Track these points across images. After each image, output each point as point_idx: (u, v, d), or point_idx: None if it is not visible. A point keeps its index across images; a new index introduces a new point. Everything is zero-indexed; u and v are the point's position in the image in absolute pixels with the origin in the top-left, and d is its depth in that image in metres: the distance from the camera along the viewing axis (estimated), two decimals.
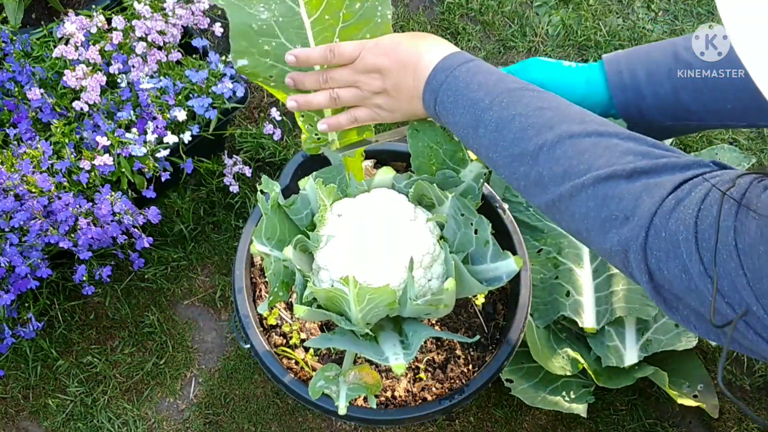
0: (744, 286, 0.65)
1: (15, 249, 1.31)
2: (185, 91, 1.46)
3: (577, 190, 0.78)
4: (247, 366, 1.60)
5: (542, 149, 0.82)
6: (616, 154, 0.78)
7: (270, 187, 1.01)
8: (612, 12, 2.01)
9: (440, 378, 1.30)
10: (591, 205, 0.78)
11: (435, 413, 1.20)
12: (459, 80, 0.92)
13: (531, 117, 0.85)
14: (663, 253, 0.72)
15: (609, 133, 0.81)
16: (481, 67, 0.93)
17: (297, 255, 1.01)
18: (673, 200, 0.72)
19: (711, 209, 0.69)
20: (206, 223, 1.71)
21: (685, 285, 0.71)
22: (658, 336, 1.48)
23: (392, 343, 1.03)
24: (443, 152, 1.05)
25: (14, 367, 1.58)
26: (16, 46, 1.48)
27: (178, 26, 1.49)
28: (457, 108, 0.92)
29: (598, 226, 0.78)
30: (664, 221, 0.71)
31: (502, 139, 0.86)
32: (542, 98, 0.87)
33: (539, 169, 0.82)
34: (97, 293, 1.64)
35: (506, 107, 0.87)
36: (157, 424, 1.56)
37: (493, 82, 0.91)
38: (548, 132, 0.82)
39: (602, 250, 0.79)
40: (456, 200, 1.01)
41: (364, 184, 1.08)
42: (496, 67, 0.96)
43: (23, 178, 1.33)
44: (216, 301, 1.66)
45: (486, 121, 0.88)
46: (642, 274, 0.74)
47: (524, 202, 1.59)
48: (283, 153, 1.77)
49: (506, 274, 0.98)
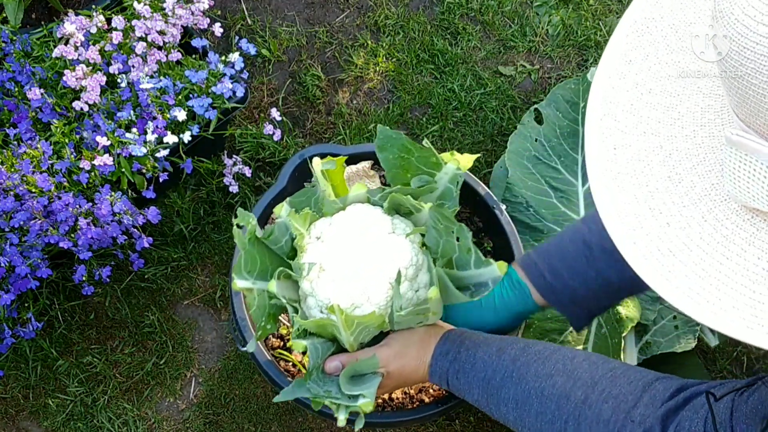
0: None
1: (15, 249, 1.31)
2: (185, 91, 1.46)
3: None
4: (247, 366, 1.60)
5: (568, 424, 0.88)
6: (634, 423, 0.83)
7: (246, 220, 0.99)
8: (612, 12, 2.01)
9: None
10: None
11: (432, 415, 1.20)
12: (464, 363, 0.99)
13: (545, 389, 0.91)
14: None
15: (622, 393, 0.86)
16: (474, 339, 1.01)
17: (281, 285, 0.99)
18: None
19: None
20: (206, 223, 1.71)
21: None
22: (657, 338, 1.48)
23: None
24: (416, 160, 1.03)
25: (14, 367, 1.58)
26: (16, 46, 1.48)
27: (177, 26, 1.49)
28: (472, 388, 0.99)
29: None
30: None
31: (527, 414, 0.92)
32: (546, 361, 0.93)
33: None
34: (97, 293, 1.64)
35: (518, 382, 0.94)
36: (157, 424, 1.56)
37: (496, 355, 0.97)
38: (567, 403, 0.88)
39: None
40: (434, 212, 1.00)
41: (338, 202, 1.05)
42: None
43: (23, 178, 1.33)
44: (216, 301, 1.66)
45: (505, 399, 0.95)
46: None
47: (524, 201, 1.59)
48: (283, 153, 1.77)
49: (491, 279, 0.98)
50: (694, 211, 0.65)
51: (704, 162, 0.66)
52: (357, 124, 1.83)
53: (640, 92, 0.70)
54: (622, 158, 0.68)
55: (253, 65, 1.88)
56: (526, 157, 1.65)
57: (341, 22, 1.95)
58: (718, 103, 0.68)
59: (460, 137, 1.83)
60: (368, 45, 1.91)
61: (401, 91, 1.87)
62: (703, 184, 0.65)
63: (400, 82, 1.88)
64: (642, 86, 0.71)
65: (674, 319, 1.50)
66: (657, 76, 0.70)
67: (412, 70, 1.89)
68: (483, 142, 1.83)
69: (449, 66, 1.89)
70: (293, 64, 1.89)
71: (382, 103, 1.87)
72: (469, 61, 1.90)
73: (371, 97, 1.88)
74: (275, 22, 1.93)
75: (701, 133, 0.67)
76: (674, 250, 0.64)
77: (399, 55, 1.90)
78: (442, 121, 1.84)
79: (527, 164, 1.64)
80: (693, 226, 0.64)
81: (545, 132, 1.68)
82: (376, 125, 1.81)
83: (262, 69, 1.88)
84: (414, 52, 1.90)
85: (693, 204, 0.65)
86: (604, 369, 0.90)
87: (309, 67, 1.88)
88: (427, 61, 1.90)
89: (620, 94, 0.71)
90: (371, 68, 1.89)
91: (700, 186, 0.65)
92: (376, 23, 1.94)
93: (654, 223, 0.65)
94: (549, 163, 1.64)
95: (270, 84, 1.87)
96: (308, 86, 1.86)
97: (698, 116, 0.68)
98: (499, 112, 1.86)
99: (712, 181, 0.65)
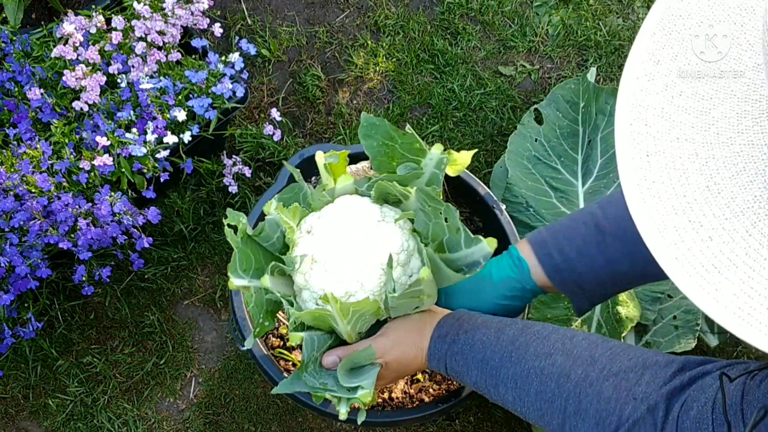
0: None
1: (15, 249, 1.31)
2: (185, 91, 1.46)
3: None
4: (247, 366, 1.60)
5: (569, 402, 0.87)
6: (637, 400, 0.82)
7: (236, 219, 1.00)
8: (612, 12, 2.01)
9: (437, 380, 1.30)
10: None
11: (432, 415, 1.20)
12: (463, 344, 0.99)
13: (545, 368, 0.90)
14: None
15: (623, 370, 0.85)
16: (473, 321, 1.00)
17: (276, 281, 0.99)
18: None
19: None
20: (206, 223, 1.71)
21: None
22: (657, 338, 1.48)
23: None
24: (400, 147, 1.03)
25: (14, 367, 1.58)
26: (16, 46, 1.48)
27: (177, 26, 1.49)
28: (470, 369, 0.98)
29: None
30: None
31: (526, 394, 0.91)
32: (545, 340, 0.93)
33: (574, 423, 0.86)
34: (97, 293, 1.64)
35: (517, 362, 0.93)
36: (157, 424, 1.56)
37: (494, 336, 0.97)
38: (567, 381, 0.88)
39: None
40: (420, 193, 1.00)
41: (326, 195, 1.06)
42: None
43: (23, 178, 1.33)
44: (216, 301, 1.66)
45: (504, 379, 0.94)
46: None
47: (524, 201, 1.59)
48: (283, 153, 1.77)
49: (482, 257, 0.97)
50: (737, 224, 0.61)
51: (744, 171, 0.63)
52: (357, 124, 1.83)
53: (671, 95, 0.67)
54: (656, 166, 0.65)
55: (253, 65, 1.88)
56: (526, 157, 1.65)
57: (341, 22, 1.95)
58: (755, 109, 0.65)
59: (460, 137, 1.83)
60: (368, 45, 1.91)
61: (401, 91, 1.87)
62: (744, 196, 0.62)
63: (400, 82, 1.88)
64: (672, 88, 0.68)
65: (674, 319, 1.50)
66: (687, 78, 0.67)
67: (412, 70, 1.89)
68: (483, 142, 1.83)
69: (449, 66, 1.89)
70: (293, 64, 1.89)
71: (382, 103, 1.87)
72: (469, 61, 1.90)
73: (371, 97, 1.88)
74: (275, 22, 1.93)
75: (739, 141, 0.64)
76: (719, 267, 0.61)
77: (399, 55, 1.90)
78: (442, 121, 1.84)
79: (527, 164, 1.64)
80: (737, 240, 0.61)
81: (545, 132, 1.68)
82: None
83: (262, 69, 1.88)
84: (414, 52, 1.90)
85: (735, 217, 0.62)
86: (603, 348, 0.89)
87: (309, 67, 1.88)
88: (427, 61, 1.90)
89: (650, 97, 0.68)
90: (371, 68, 1.89)
91: (741, 197, 0.62)
92: (376, 23, 1.94)
93: (696, 237, 0.62)
94: (549, 163, 1.64)
95: (270, 84, 1.87)
96: (308, 86, 1.86)
97: (734, 122, 0.65)
98: (499, 112, 1.86)
99: (755, 192, 0.62)
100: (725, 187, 0.63)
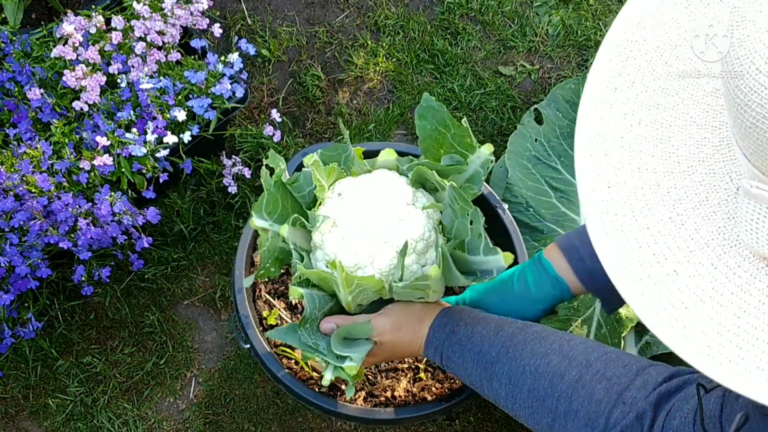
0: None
1: (15, 249, 1.31)
2: (185, 91, 1.46)
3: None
4: (247, 366, 1.60)
5: (560, 402, 0.87)
6: (626, 404, 0.82)
7: (276, 162, 1.01)
8: (612, 12, 2.01)
9: (440, 378, 1.30)
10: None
11: (435, 413, 1.20)
12: (461, 336, 0.98)
13: (540, 367, 0.90)
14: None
15: (616, 375, 0.85)
16: (474, 315, 1.01)
17: (295, 232, 1.00)
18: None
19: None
20: (206, 223, 1.71)
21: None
22: (657, 338, 1.48)
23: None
24: (451, 137, 1.03)
25: (14, 367, 1.58)
26: (16, 46, 1.48)
27: (177, 26, 1.49)
28: (466, 362, 0.98)
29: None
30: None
31: (519, 391, 0.91)
32: (543, 340, 0.93)
33: (563, 423, 0.87)
34: (97, 293, 1.64)
35: (513, 358, 0.93)
36: (157, 424, 1.56)
37: (493, 331, 0.97)
38: (560, 382, 0.88)
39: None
40: (452, 190, 1.00)
41: (366, 164, 1.07)
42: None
43: (23, 178, 1.33)
44: (216, 301, 1.66)
45: (498, 375, 0.94)
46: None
47: (524, 201, 1.59)
48: (283, 153, 1.77)
49: (496, 268, 0.98)
50: (702, 257, 0.60)
51: (707, 202, 0.61)
52: (357, 124, 1.83)
53: (629, 123, 0.65)
54: (618, 198, 0.63)
55: (253, 65, 1.88)
56: (526, 157, 1.65)
57: (341, 22, 1.95)
58: (715, 136, 0.63)
59: None
60: (368, 45, 1.91)
61: (401, 91, 1.87)
62: (708, 228, 0.60)
63: (400, 82, 1.88)
64: (631, 116, 0.66)
65: None
66: (645, 105, 0.65)
67: (412, 70, 1.90)
68: (483, 142, 1.82)
69: (449, 66, 1.89)
70: (293, 64, 1.89)
71: (382, 103, 1.87)
72: (469, 61, 1.90)
73: (371, 97, 1.88)
74: (275, 22, 1.93)
75: (700, 169, 0.62)
76: (686, 303, 0.59)
77: (399, 55, 1.90)
78: None
79: (527, 164, 1.64)
80: (703, 274, 0.59)
81: (545, 132, 1.68)
82: (375, 125, 1.81)
83: (262, 69, 1.88)
84: (414, 52, 1.91)
85: (700, 249, 0.60)
86: (599, 352, 0.89)
87: (309, 67, 1.88)
88: (427, 61, 1.90)
89: (609, 126, 0.66)
90: (371, 68, 1.89)
91: (705, 229, 0.60)
92: (376, 23, 1.94)
93: (660, 271, 0.60)
94: (549, 163, 1.64)
95: (270, 84, 1.87)
96: (308, 86, 1.86)
97: (694, 150, 0.63)
98: (499, 112, 1.86)
99: (718, 224, 0.60)
100: (688, 218, 0.61)
